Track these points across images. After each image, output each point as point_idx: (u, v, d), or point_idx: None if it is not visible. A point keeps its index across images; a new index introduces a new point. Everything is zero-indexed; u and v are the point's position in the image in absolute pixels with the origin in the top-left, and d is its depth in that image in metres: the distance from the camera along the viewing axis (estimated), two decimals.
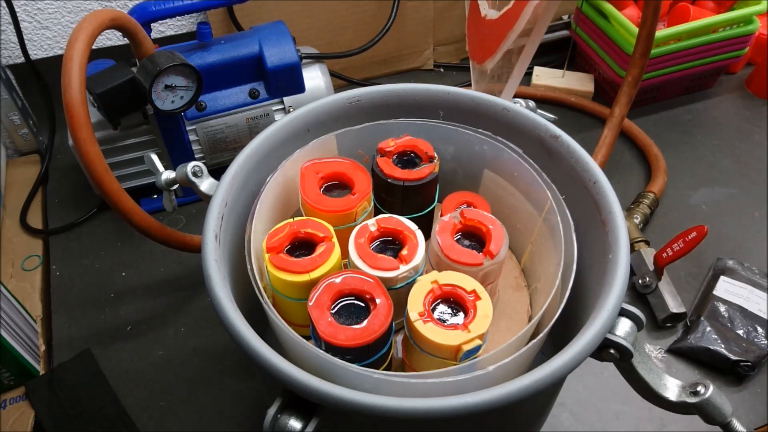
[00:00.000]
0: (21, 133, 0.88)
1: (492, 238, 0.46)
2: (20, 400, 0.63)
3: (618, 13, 0.89)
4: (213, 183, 0.54)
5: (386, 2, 0.93)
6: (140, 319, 0.71)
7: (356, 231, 0.46)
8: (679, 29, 0.86)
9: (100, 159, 0.57)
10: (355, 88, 0.55)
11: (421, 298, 0.42)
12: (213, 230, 0.44)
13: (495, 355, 0.39)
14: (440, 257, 0.46)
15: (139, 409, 0.63)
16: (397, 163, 0.50)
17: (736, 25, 0.89)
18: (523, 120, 0.52)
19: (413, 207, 0.51)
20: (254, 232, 0.46)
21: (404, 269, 0.44)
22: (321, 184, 0.50)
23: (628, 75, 0.78)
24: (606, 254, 0.44)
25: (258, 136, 0.51)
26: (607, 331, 0.40)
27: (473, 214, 0.48)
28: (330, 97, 0.54)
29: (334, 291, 0.41)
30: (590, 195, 0.47)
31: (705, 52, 0.90)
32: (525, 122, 0.52)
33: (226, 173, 0.48)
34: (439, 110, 0.55)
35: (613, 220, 0.44)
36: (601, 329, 0.38)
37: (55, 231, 0.80)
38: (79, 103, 0.55)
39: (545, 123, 0.51)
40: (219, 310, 0.39)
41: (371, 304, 0.41)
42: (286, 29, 0.79)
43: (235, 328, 0.38)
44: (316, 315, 0.40)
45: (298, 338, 0.39)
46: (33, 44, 0.87)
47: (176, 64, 0.66)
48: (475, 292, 0.42)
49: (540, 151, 0.51)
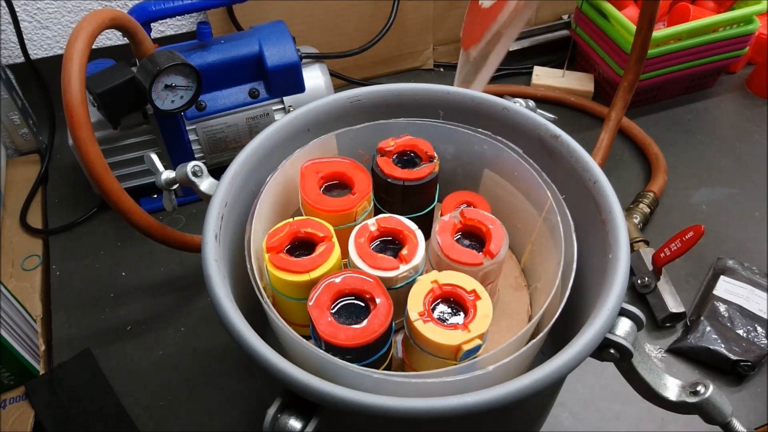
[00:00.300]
0: (21, 132, 0.88)
1: (492, 238, 0.46)
2: (20, 400, 0.63)
3: (618, 13, 0.89)
4: (213, 183, 0.54)
5: (386, 2, 0.93)
6: (140, 319, 0.71)
7: (356, 231, 0.46)
8: (679, 29, 0.86)
9: (100, 159, 0.57)
10: (355, 87, 0.55)
11: (421, 298, 0.42)
12: (213, 230, 0.44)
13: (495, 355, 0.39)
14: (440, 257, 0.46)
15: (139, 409, 0.63)
16: (397, 162, 0.50)
17: (736, 24, 0.89)
18: (523, 120, 0.52)
19: (413, 207, 0.51)
20: (254, 232, 0.46)
21: (404, 269, 0.44)
22: (321, 184, 0.50)
23: (623, 80, 0.78)
24: (606, 254, 0.44)
25: (258, 135, 0.51)
26: (607, 331, 0.40)
27: (473, 213, 0.48)
28: (330, 96, 0.54)
29: (334, 291, 0.41)
30: (590, 195, 0.47)
31: (705, 51, 0.90)
32: (525, 122, 0.52)
33: (226, 173, 0.48)
34: (439, 110, 0.55)
35: (613, 219, 0.44)
36: (601, 329, 0.38)
37: (55, 231, 0.80)
38: (79, 102, 0.55)
39: (545, 123, 0.51)
40: (219, 309, 0.39)
41: (371, 303, 0.41)
42: (286, 29, 0.79)
43: (235, 328, 0.38)
44: (316, 315, 0.40)
45: (298, 338, 0.39)
46: (33, 44, 0.87)
47: (176, 64, 0.66)
48: (475, 292, 0.42)
49: (540, 151, 0.51)
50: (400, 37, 1.00)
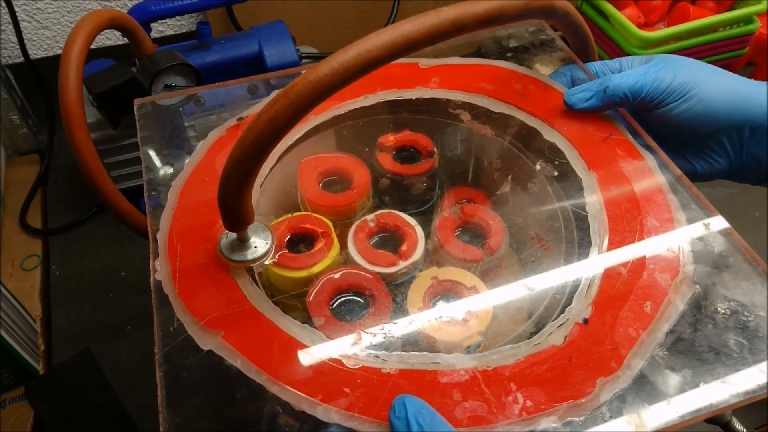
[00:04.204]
0: (20, 132, 0.88)
1: (492, 234, 0.46)
2: (20, 399, 0.63)
3: (618, 13, 0.89)
4: None
5: (386, 2, 0.93)
6: (140, 318, 0.71)
7: (355, 226, 0.46)
8: (679, 29, 0.86)
9: (95, 160, 0.56)
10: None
11: (420, 294, 0.42)
12: None
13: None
14: (440, 253, 0.46)
15: (139, 409, 0.63)
16: (396, 158, 0.50)
17: (736, 24, 0.89)
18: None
19: (413, 202, 0.51)
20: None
21: (403, 265, 0.43)
22: (320, 180, 0.50)
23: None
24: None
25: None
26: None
27: (473, 209, 0.47)
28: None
29: (333, 287, 0.41)
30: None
31: (705, 52, 0.90)
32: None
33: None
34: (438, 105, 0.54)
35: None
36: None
37: (54, 231, 0.80)
38: (76, 103, 0.54)
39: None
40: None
41: (370, 300, 0.41)
42: (286, 29, 0.79)
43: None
44: (314, 311, 0.40)
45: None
46: (32, 44, 0.87)
47: (176, 64, 0.66)
48: (475, 288, 0.42)
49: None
50: None
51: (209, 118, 0.52)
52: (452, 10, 0.35)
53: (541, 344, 0.36)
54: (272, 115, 0.31)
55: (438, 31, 0.34)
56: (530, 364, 0.35)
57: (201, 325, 0.36)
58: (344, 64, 0.31)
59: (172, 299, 0.38)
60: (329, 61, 0.31)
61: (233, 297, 0.38)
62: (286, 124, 0.31)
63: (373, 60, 0.32)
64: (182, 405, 0.34)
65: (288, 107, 0.31)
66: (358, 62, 0.32)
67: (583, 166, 0.46)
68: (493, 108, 0.50)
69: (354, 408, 0.33)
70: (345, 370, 0.35)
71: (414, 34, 0.33)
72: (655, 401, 0.35)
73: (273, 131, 0.31)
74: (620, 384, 0.35)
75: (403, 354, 0.36)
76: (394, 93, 0.53)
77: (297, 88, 0.31)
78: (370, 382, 0.34)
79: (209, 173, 0.46)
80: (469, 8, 0.35)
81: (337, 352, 0.36)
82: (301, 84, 0.31)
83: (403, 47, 0.33)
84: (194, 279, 0.39)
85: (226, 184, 0.34)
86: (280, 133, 0.32)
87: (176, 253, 0.40)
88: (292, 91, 0.31)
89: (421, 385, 0.34)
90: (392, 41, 0.32)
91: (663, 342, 0.38)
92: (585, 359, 0.36)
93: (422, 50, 0.34)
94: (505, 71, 0.53)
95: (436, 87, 0.52)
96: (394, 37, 0.32)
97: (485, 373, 0.35)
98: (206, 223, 0.42)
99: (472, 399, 0.34)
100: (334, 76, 0.31)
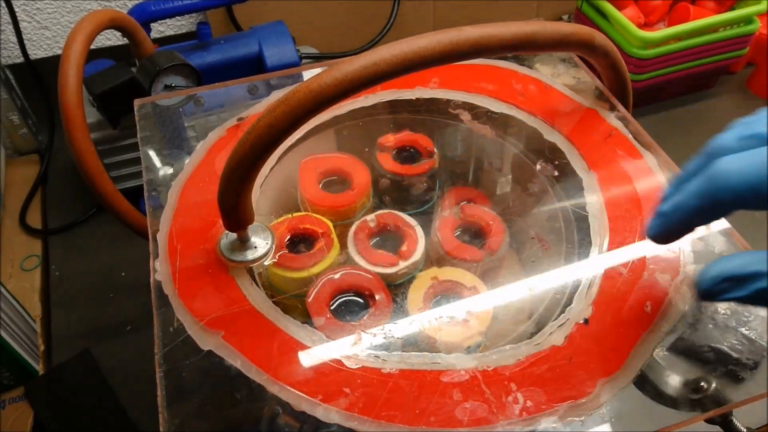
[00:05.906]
0: (20, 133, 0.88)
1: (492, 234, 0.46)
2: (20, 400, 0.63)
3: (618, 13, 0.89)
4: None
5: (386, 2, 0.93)
6: (140, 318, 0.71)
7: (355, 227, 0.46)
8: (679, 29, 0.86)
9: (95, 161, 0.56)
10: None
11: (420, 294, 0.42)
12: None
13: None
14: (440, 253, 0.46)
15: (139, 409, 0.63)
16: (396, 158, 0.50)
17: (736, 24, 0.89)
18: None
19: (413, 202, 0.51)
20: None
21: (404, 265, 0.43)
22: (320, 180, 0.50)
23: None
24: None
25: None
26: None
27: (473, 209, 0.47)
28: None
29: (333, 287, 0.41)
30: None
31: (705, 52, 0.90)
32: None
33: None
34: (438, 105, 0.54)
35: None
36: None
37: (54, 231, 0.80)
38: (76, 104, 0.54)
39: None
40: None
41: (370, 300, 0.41)
42: (286, 29, 0.79)
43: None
44: (314, 312, 0.40)
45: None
46: (32, 44, 0.87)
47: (176, 64, 0.66)
48: (476, 288, 0.42)
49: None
50: (400, 37, 0.99)
51: (209, 119, 0.52)
52: (476, 30, 0.32)
53: (541, 344, 0.36)
54: (271, 121, 0.31)
55: (456, 51, 0.32)
56: (530, 365, 0.35)
57: (201, 325, 0.36)
58: (349, 75, 0.30)
59: (172, 299, 0.38)
60: (333, 71, 0.30)
61: (233, 297, 0.38)
62: (284, 130, 0.31)
63: (380, 74, 0.31)
64: (182, 405, 0.34)
65: (288, 114, 0.30)
66: (364, 74, 0.30)
67: (583, 166, 0.46)
68: (493, 108, 0.50)
69: (354, 408, 0.33)
70: (345, 371, 0.35)
71: (427, 52, 0.31)
72: (655, 401, 0.35)
73: (271, 137, 0.31)
74: (620, 384, 0.35)
75: (403, 354, 0.36)
76: (394, 93, 0.53)
77: (298, 95, 0.30)
78: (370, 383, 0.34)
79: (209, 173, 0.46)
80: (496, 31, 0.33)
81: (337, 353, 0.36)
82: (302, 92, 0.30)
83: (415, 63, 0.31)
84: (194, 279, 0.39)
85: (226, 185, 0.34)
86: (279, 138, 0.31)
87: (176, 253, 0.40)
88: (292, 98, 0.30)
89: (421, 386, 0.34)
90: (402, 56, 0.31)
91: (663, 342, 0.38)
92: (585, 359, 0.36)
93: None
94: (505, 71, 0.53)
95: (436, 87, 0.52)
96: (406, 53, 0.31)
97: (485, 373, 0.35)
98: (206, 223, 0.42)
99: (473, 399, 0.34)
100: (337, 87, 0.30)
